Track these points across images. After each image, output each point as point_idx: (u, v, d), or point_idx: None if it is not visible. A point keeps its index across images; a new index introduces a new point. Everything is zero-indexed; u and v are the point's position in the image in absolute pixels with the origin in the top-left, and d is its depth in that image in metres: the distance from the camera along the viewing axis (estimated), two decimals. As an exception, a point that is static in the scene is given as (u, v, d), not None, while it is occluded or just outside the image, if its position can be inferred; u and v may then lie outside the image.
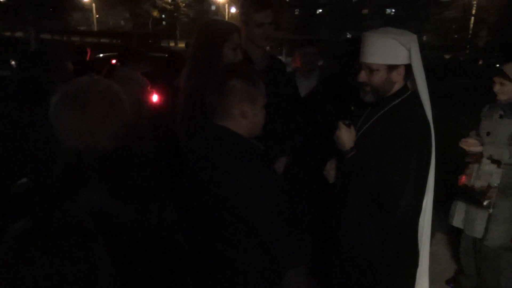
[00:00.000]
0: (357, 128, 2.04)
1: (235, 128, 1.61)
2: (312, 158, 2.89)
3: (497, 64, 2.91)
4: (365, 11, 33.78)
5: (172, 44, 32.82)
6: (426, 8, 30.54)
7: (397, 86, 1.96)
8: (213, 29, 2.22)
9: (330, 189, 2.11)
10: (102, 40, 24.00)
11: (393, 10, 35.97)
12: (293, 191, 1.65)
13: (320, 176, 2.27)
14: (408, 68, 1.91)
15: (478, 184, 2.76)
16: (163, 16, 44.89)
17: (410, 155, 1.77)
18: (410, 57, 1.87)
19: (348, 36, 28.82)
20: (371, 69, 1.91)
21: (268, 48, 2.77)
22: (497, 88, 2.73)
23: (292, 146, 2.71)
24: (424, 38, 34.70)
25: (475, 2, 28.63)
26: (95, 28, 37.01)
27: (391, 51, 1.87)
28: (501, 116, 2.74)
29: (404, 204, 1.79)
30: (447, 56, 18.94)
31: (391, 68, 1.91)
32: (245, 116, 1.61)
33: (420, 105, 1.87)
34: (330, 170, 2.18)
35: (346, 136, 1.97)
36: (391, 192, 1.78)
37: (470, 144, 2.79)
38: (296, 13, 32.05)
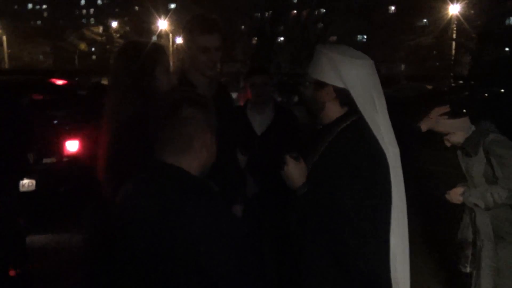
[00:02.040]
0: (308, 160, 2.08)
1: (191, 164, 1.63)
2: (272, 200, 3.04)
3: (485, 94, 3.16)
4: (333, 38, 35.18)
5: (105, 81, 32.56)
6: (399, 34, 31.80)
7: (334, 110, 2.04)
8: (140, 51, 2.21)
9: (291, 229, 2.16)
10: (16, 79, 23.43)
11: (365, 37, 37.85)
12: (255, 237, 1.60)
13: (281, 216, 2.34)
14: (346, 93, 1.97)
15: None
16: (93, 49, 44.78)
17: (361, 191, 1.83)
18: (342, 79, 1.95)
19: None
20: (309, 82, 2.05)
21: (221, 81, 2.90)
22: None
23: (243, 191, 2.79)
24: (402, 67, 36.45)
25: (454, 26, 29.96)
26: (6, 66, 36.51)
27: (320, 66, 2.00)
28: (467, 155, 2.92)
29: (366, 251, 1.83)
30: (429, 87, 19.96)
31: (318, 84, 2.01)
32: (207, 149, 1.65)
33: (368, 131, 1.93)
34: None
35: (295, 171, 2.01)
36: (355, 234, 1.82)
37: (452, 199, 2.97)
38: (254, 42, 32.92)
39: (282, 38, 35.48)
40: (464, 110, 2.93)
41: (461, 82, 21.82)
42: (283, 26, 33.01)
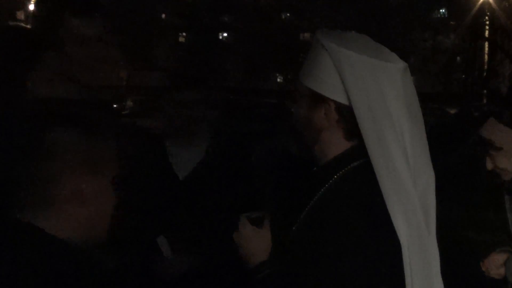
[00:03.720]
0: (283, 225, 1.89)
1: (60, 225, 1.45)
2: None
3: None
4: (306, 35, 31.00)
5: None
6: (406, 30, 28.27)
7: (334, 143, 1.75)
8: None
9: None
10: None
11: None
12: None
13: None
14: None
15: None
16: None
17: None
18: (348, 92, 1.65)
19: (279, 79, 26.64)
20: (299, 94, 1.80)
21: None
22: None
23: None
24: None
25: (486, 19, 26.87)
26: None
27: (318, 69, 1.71)
28: None
29: None
30: (452, 111, 19.14)
31: (314, 99, 1.71)
32: (85, 200, 1.48)
33: (371, 187, 1.63)
34: None
35: (254, 240, 1.84)
36: None
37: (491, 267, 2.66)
38: (181, 39, 28.49)
39: (225, 34, 31.10)
40: None
41: (499, 103, 19.81)
42: (228, 14, 28.38)
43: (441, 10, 32.55)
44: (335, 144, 1.74)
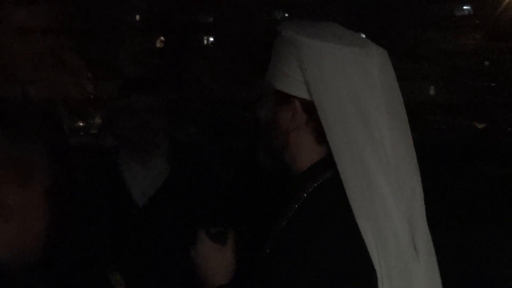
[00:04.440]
0: (252, 243, 1.91)
1: None
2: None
3: None
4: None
5: None
6: (422, 29, 26.76)
7: (306, 147, 1.71)
8: None
9: None
10: None
11: (362, 35, 34.41)
12: None
13: None
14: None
15: None
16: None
17: None
18: (309, 85, 1.61)
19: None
20: (264, 95, 1.80)
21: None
22: None
23: None
24: (432, 90, 31.74)
25: None
26: None
27: (281, 65, 1.69)
28: None
29: None
30: (480, 126, 18.35)
31: (279, 98, 1.69)
32: (16, 212, 1.44)
33: (341, 202, 1.59)
34: None
35: (214, 259, 1.81)
36: None
37: None
38: (160, 42, 27.19)
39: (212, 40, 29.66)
40: None
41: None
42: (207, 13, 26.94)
43: (464, 7, 30.87)
44: (306, 148, 1.70)
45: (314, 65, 1.59)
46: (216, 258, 1.80)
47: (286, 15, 28.20)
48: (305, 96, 1.62)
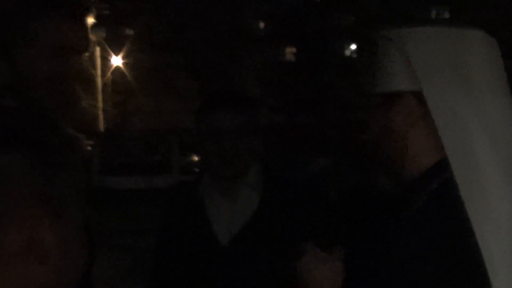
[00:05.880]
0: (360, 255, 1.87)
1: None
2: None
3: None
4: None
5: None
6: None
7: (425, 148, 1.70)
8: None
9: None
10: None
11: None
12: None
13: None
14: None
15: None
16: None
17: None
18: (417, 74, 1.66)
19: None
20: (372, 107, 1.80)
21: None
22: None
23: None
24: None
25: None
26: None
27: (385, 68, 1.73)
28: None
29: None
30: None
31: (389, 101, 1.71)
32: (43, 253, 1.25)
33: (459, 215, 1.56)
34: None
35: (321, 271, 1.80)
36: None
37: None
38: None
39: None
40: None
41: None
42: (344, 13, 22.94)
43: None
44: (426, 147, 1.71)
45: (419, 51, 1.67)
46: (325, 270, 1.86)
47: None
48: (415, 87, 1.65)
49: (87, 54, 2.17)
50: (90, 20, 2.16)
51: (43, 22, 1.94)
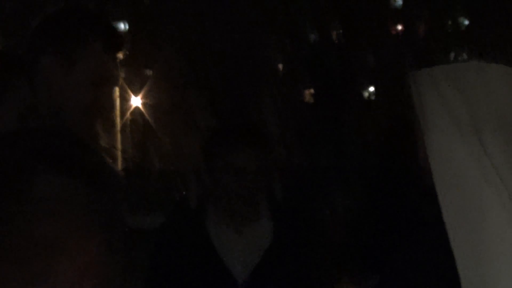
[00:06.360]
0: None
1: None
2: None
3: None
4: None
5: None
6: None
7: None
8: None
9: None
10: None
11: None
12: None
13: None
14: None
15: None
16: None
17: None
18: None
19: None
20: None
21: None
22: None
23: None
24: None
25: None
26: None
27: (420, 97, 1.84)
28: None
29: None
30: None
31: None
32: (86, 276, 1.37)
33: None
34: None
35: None
36: None
37: None
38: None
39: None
40: None
41: None
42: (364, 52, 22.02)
43: None
44: None
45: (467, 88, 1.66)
46: None
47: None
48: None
49: (117, 88, 2.21)
50: (120, 55, 2.06)
51: (83, 49, 1.93)
